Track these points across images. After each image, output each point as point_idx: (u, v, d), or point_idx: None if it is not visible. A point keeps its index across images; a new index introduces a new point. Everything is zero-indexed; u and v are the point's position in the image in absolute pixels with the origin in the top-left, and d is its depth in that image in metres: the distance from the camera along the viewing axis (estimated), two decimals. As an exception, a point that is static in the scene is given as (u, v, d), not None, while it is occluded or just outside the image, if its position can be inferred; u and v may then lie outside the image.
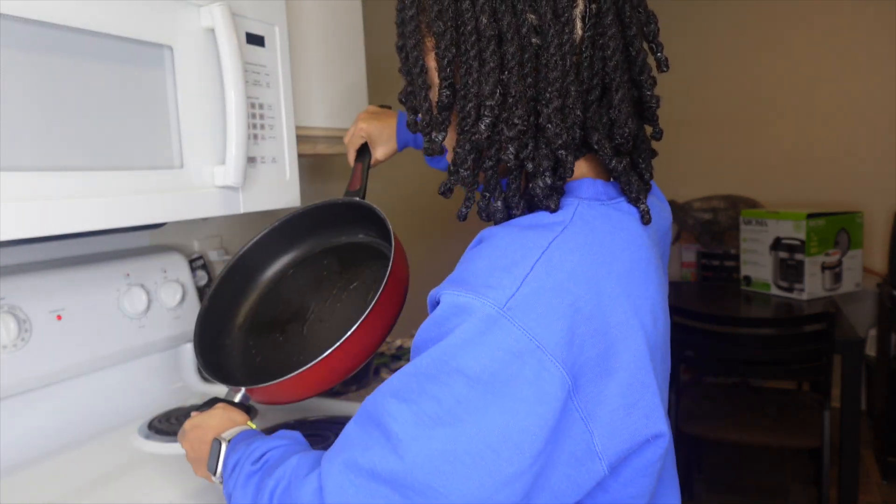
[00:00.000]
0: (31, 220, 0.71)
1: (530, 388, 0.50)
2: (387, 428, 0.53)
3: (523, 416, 0.50)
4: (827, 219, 2.47)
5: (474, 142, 0.58)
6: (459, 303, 0.52)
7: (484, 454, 0.50)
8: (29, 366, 0.98)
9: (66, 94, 0.75)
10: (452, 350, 0.52)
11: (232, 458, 0.71)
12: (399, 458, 0.51)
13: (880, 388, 2.63)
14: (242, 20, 0.99)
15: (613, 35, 0.58)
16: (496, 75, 0.56)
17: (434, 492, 0.51)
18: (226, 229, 1.48)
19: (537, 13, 0.56)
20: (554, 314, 0.51)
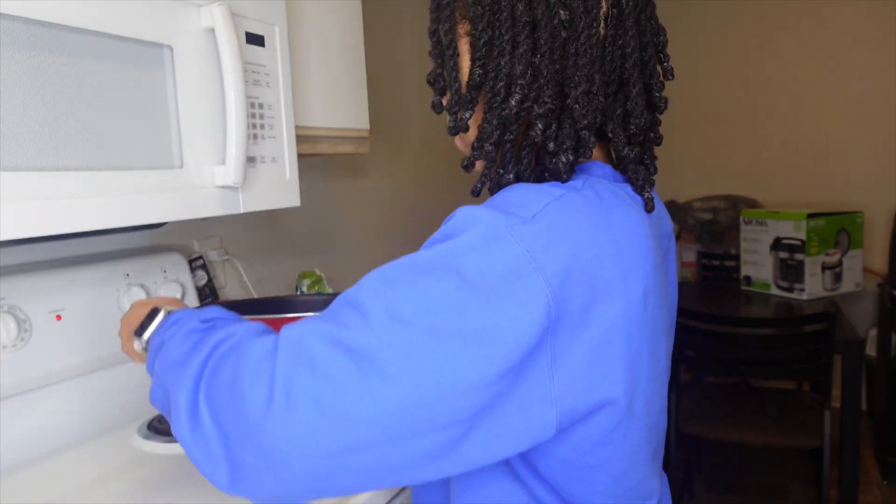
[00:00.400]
0: (31, 220, 0.71)
1: (519, 306, 0.51)
2: (364, 305, 0.53)
3: (503, 332, 0.51)
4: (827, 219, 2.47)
5: (503, 117, 0.62)
6: (474, 213, 0.55)
7: (456, 356, 0.50)
8: (29, 366, 0.98)
9: (66, 94, 0.75)
10: (456, 250, 0.53)
11: (169, 321, 0.71)
12: (370, 331, 0.51)
13: (880, 388, 2.63)
14: (242, 20, 0.99)
15: (633, 36, 0.63)
16: (528, 58, 0.61)
17: (393, 375, 0.50)
18: (226, 229, 1.48)
19: (568, 9, 0.61)
20: (557, 251, 0.53)
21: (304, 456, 0.52)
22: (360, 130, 1.40)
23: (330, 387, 0.51)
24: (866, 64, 3.00)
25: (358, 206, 1.98)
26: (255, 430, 0.52)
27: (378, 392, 0.50)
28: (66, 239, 1.13)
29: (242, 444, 0.54)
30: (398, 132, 2.24)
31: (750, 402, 2.20)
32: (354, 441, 0.51)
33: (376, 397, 0.50)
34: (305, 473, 0.53)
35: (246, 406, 0.53)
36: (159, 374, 0.66)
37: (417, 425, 0.51)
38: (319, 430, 0.51)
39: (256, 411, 0.52)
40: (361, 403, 0.50)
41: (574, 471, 0.60)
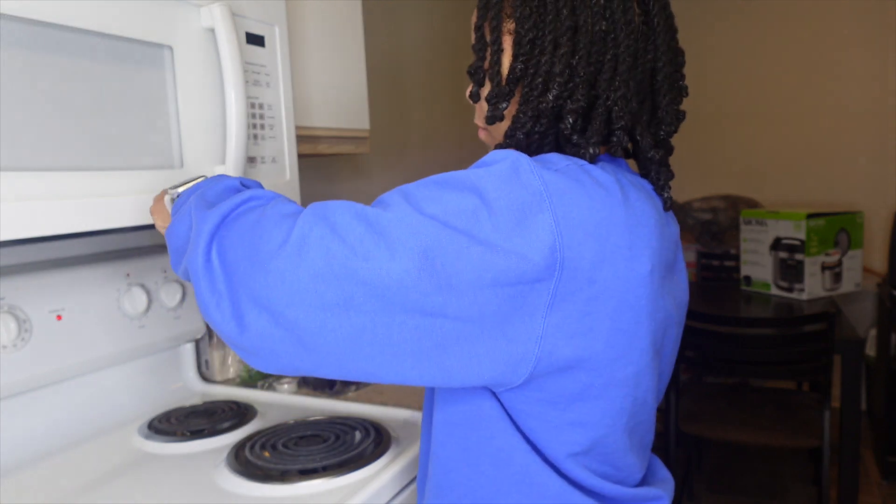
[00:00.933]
0: (31, 220, 0.71)
1: (527, 235, 0.55)
2: (387, 199, 0.58)
3: (507, 252, 0.54)
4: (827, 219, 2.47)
5: (539, 109, 0.67)
6: (504, 152, 0.59)
7: (459, 250, 0.54)
8: (29, 366, 0.98)
9: (65, 93, 0.75)
10: (482, 175, 0.57)
11: (208, 180, 0.76)
12: (390, 211, 0.56)
13: (880, 388, 2.63)
14: (242, 20, 0.99)
15: (664, 52, 0.69)
16: (567, 59, 0.66)
17: (401, 251, 0.54)
18: (226, 229, 1.48)
19: (609, 20, 0.66)
20: (573, 202, 0.57)
21: (301, 302, 0.56)
22: (360, 130, 1.40)
23: (343, 245, 0.55)
24: (866, 64, 3.00)
25: (358, 206, 1.98)
26: (262, 267, 0.57)
27: (384, 262, 0.54)
28: (66, 239, 1.13)
29: (247, 281, 0.58)
30: (398, 132, 2.24)
31: (750, 402, 2.20)
32: (350, 298, 0.55)
33: (381, 266, 0.54)
34: (296, 323, 0.56)
35: (260, 245, 0.59)
36: (187, 210, 0.71)
37: (409, 302, 0.54)
38: (321, 279, 0.55)
39: (269, 250, 0.58)
40: (366, 266, 0.55)
41: (554, 428, 0.62)
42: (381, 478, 0.90)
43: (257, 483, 0.88)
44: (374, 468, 0.92)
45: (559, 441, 0.63)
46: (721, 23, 3.23)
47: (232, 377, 1.34)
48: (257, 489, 0.88)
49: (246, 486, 0.89)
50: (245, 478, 0.90)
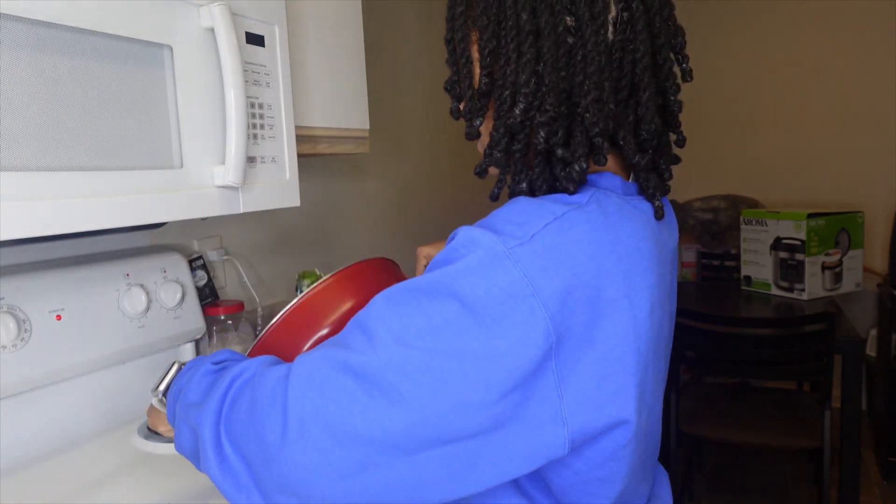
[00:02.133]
0: (31, 220, 0.71)
1: (516, 329, 0.52)
2: (371, 329, 0.55)
3: (502, 353, 0.52)
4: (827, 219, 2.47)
5: (508, 125, 0.63)
6: (472, 236, 0.55)
7: (456, 376, 0.52)
8: (28, 366, 0.98)
9: (66, 93, 0.75)
10: (455, 274, 0.54)
11: (182, 372, 0.76)
12: (374, 355, 0.53)
13: (880, 388, 2.63)
14: (242, 20, 0.99)
15: (643, 41, 0.63)
16: (532, 66, 0.61)
17: (398, 396, 0.52)
18: (225, 229, 1.48)
19: (574, 15, 0.61)
20: (555, 271, 0.54)
21: (322, 480, 0.54)
22: (360, 130, 1.40)
23: (338, 409, 0.53)
24: (866, 64, 3.00)
25: (358, 206, 1.98)
26: (274, 459, 0.55)
27: (384, 413, 0.52)
28: (66, 239, 1.13)
29: (267, 473, 0.56)
30: (398, 132, 2.23)
31: (750, 402, 2.20)
32: (365, 459, 0.53)
33: (382, 418, 0.52)
34: (325, 499, 0.54)
35: (265, 435, 0.56)
36: (182, 418, 0.68)
37: (425, 442, 0.52)
38: (332, 453, 0.53)
39: (275, 440, 0.55)
40: (368, 424, 0.52)
41: (584, 483, 0.60)
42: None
43: (257, 483, 0.88)
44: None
45: (586, 494, 0.61)
46: (721, 24, 3.23)
47: (232, 377, 1.34)
48: (257, 489, 0.88)
49: (246, 486, 0.88)
50: (245, 478, 0.90)
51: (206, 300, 1.37)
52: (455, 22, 0.68)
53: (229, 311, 1.37)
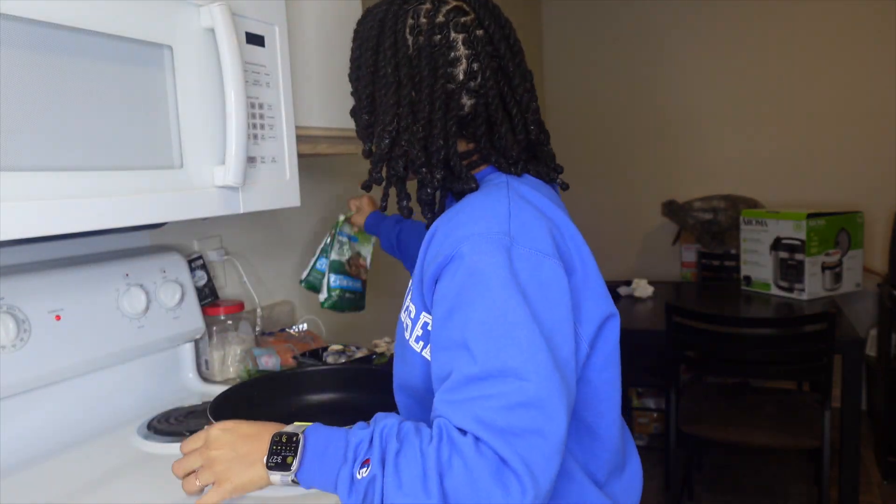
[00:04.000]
0: (31, 220, 0.71)
1: (555, 284, 0.68)
2: (502, 368, 0.62)
3: (559, 306, 0.67)
4: (827, 219, 2.47)
5: (378, 155, 0.80)
6: (478, 248, 0.67)
7: (565, 341, 0.67)
8: (28, 366, 0.98)
9: (65, 93, 0.75)
10: (493, 275, 0.65)
11: (313, 450, 0.68)
12: (529, 382, 0.61)
13: (880, 388, 2.63)
14: (242, 20, 0.99)
15: (492, 86, 0.79)
16: (394, 110, 0.78)
17: (562, 387, 0.63)
18: (225, 229, 1.48)
19: (419, 70, 0.78)
20: (541, 234, 0.70)
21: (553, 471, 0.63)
22: (360, 130, 1.40)
23: (524, 425, 0.63)
24: (866, 64, 3.00)
25: (358, 206, 1.98)
26: None
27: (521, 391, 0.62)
28: (66, 239, 1.13)
29: None
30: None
31: (750, 402, 2.20)
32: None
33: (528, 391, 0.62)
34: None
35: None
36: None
37: (558, 395, 0.63)
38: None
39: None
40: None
41: (596, 391, 0.75)
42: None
43: (257, 483, 0.88)
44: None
45: (600, 401, 0.76)
46: (721, 24, 3.23)
47: (232, 377, 1.34)
48: (257, 489, 0.87)
49: (246, 486, 0.88)
50: (245, 478, 0.89)
51: (205, 300, 1.37)
52: (353, 63, 0.86)
53: (229, 311, 1.37)
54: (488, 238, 0.67)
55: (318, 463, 0.66)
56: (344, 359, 1.31)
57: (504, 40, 0.80)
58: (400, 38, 0.79)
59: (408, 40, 0.79)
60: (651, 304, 2.55)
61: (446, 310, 0.67)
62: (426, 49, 0.78)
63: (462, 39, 0.79)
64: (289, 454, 0.67)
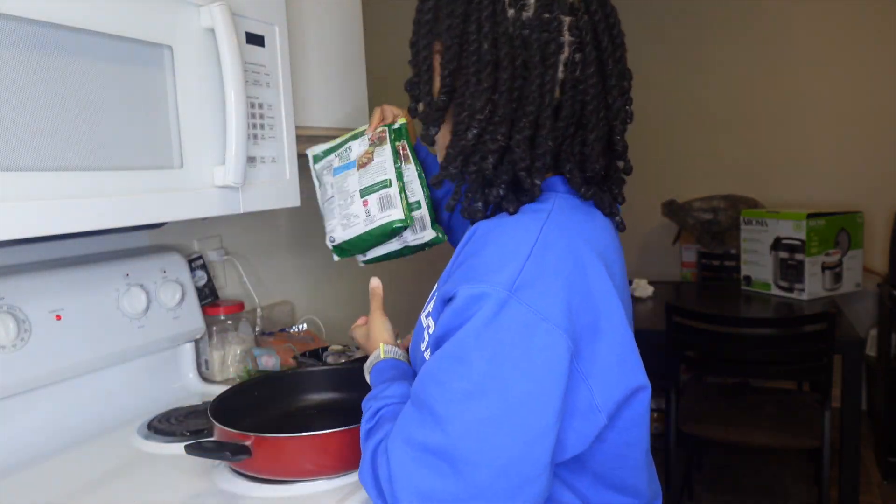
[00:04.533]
0: (31, 220, 0.71)
1: (542, 354, 0.59)
2: (430, 407, 0.61)
3: (541, 379, 0.59)
4: (827, 219, 2.47)
5: (462, 147, 0.68)
6: (474, 293, 0.61)
7: (514, 417, 0.59)
8: (28, 366, 0.98)
9: (66, 94, 0.75)
10: (473, 332, 0.60)
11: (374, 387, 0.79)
12: (444, 433, 0.59)
13: (880, 388, 2.63)
14: (242, 20, 0.99)
15: (593, 83, 0.67)
16: (488, 94, 0.65)
17: (478, 457, 0.58)
18: (225, 229, 1.48)
19: (528, 52, 0.65)
20: (552, 290, 0.61)
21: None
22: (360, 130, 1.40)
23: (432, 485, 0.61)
24: (866, 64, 3.00)
25: (358, 206, 1.98)
26: None
27: (467, 479, 0.58)
28: (66, 239, 1.13)
29: None
30: (398, 132, 2.23)
31: (750, 402, 2.20)
32: None
33: (468, 483, 0.58)
34: None
35: None
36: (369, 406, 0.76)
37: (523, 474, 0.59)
38: None
39: None
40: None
41: (615, 450, 0.68)
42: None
43: (256, 483, 0.88)
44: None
45: (618, 457, 0.70)
46: (721, 24, 3.23)
47: (232, 377, 1.34)
48: (256, 489, 0.88)
49: (245, 486, 0.88)
50: (244, 478, 0.90)
51: (205, 300, 1.37)
52: (421, 28, 0.71)
53: (229, 310, 1.37)
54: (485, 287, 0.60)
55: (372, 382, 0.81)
56: (344, 359, 1.31)
57: (608, 31, 0.68)
58: (499, 8, 0.65)
59: (507, 13, 0.65)
60: (651, 304, 2.55)
61: (436, 337, 0.66)
62: (535, 28, 0.65)
63: (569, 23, 0.66)
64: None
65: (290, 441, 0.85)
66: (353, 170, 1.09)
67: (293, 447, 0.85)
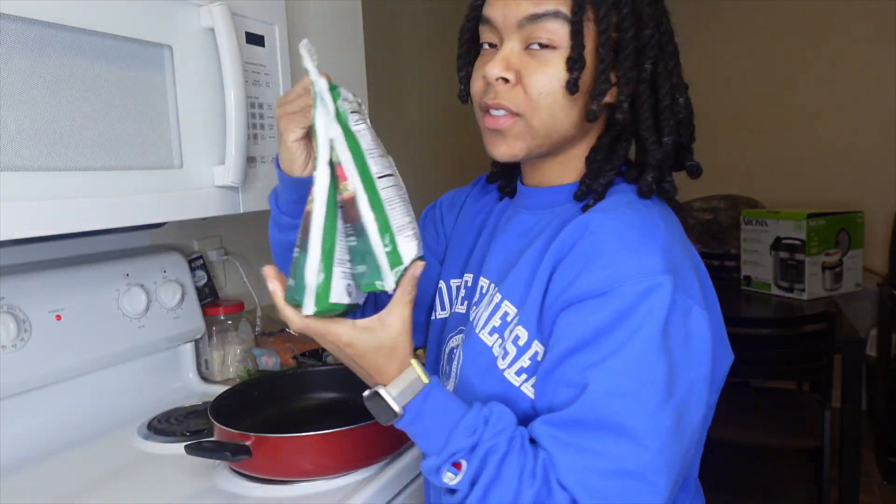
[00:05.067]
0: (31, 220, 0.71)
1: (699, 338, 0.60)
2: (620, 425, 0.57)
3: (704, 362, 0.60)
4: (827, 219, 2.47)
5: (618, 120, 0.68)
6: (643, 288, 0.59)
7: (687, 418, 0.59)
8: (28, 366, 0.98)
9: (66, 93, 0.75)
10: (651, 331, 0.58)
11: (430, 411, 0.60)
12: (645, 449, 0.56)
13: (880, 388, 2.63)
14: (242, 20, 0.99)
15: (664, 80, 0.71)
16: (638, 75, 0.68)
17: (667, 469, 0.57)
18: (225, 229, 1.48)
19: (666, 36, 0.69)
20: (690, 273, 0.62)
21: None
22: (360, 130, 1.40)
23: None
24: (866, 64, 3.00)
25: (358, 206, 1.97)
26: None
27: (659, 496, 0.57)
28: (66, 239, 1.13)
29: None
30: (398, 131, 2.23)
31: (750, 402, 2.20)
32: None
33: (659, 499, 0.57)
34: None
35: None
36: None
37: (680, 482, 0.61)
38: None
39: None
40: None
41: (697, 445, 0.68)
42: (382, 478, 0.90)
43: (257, 483, 0.88)
44: (374, 468, 0.92)
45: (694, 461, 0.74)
46: (721, 23, 3.23)
47: (231, 377, 1.34)
48: (257, 489, 0.88)
49: (245, 486, 0.88)
50: (244, 478, 0.90)
51: (205, 300, 1.37)
52: (584, 5, 0.64)
53: (229, 311, 1.37)
54: (651, 279, 0.58)
55: (423, 428, 0.60)
56: (344, 359, 1.31)
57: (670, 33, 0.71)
58: None
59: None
60: (651, 304, 2.54)
61: (575, 344, 0.59)
62: (665, 16, 0.69)
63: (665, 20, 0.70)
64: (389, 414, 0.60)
65: (290, 441, 0.85)
66: None
67: (293, 447, 0.85)
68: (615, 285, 0.59)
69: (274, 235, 0.82)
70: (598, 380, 0.57)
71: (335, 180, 0.60)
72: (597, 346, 0.58)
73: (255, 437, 0.85)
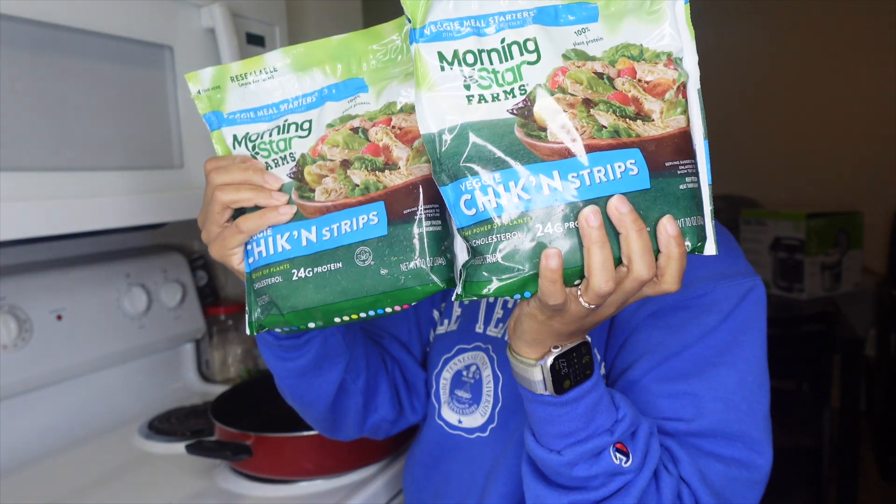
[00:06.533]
0: (31, 220, 0.71)
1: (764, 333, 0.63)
2: (743, 434, 0.58)
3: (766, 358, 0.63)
4: (827, 219, 2.47)
5: None
6: (738, 295, 0.60)
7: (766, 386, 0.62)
8: (29, 366, 0.98)
9: (66, 94, 0.75)
10: (751, 332, 0.60)
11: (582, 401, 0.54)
12: (762, 457, 0.59)
13: (880, 388, 2.63)
14: (242, 20, 0.99)
15: None
16: None
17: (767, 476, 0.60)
18: (226, 229, 1.48)
19: None
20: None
21: None
22: (360, 130, 1.40)
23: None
24: (866, 64, 3.00)
25: (358, 206, 1.97)
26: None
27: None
28: (67, 239, 1.13)
29: None
30: (398, 132, 2.22)
31: (749, 402, 2.20)
32: None
33: None
34: None
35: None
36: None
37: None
38: None
39: None
40: None
41: None
42: (382, 478, 0.90)
43: (257, 483, 0.88)
44: (374, 468, 0.92)
45: None
46: (721, 24, 3.23)
47: (232, 377, 1.34)
48: (257, 489, 0.88)
49: (245, 485, 0.89)
50: (245, 477, 0.90)
51: (206, 300, 1.37)
52: None
53: (230, 311, 1.37)
54: (744, 280, 0.60)
55: (585, 411, 0.54)
56: (344, 359, 1.31)
57: None
58: None
59: None
60: (651, 304, 2.54)
61: (673, 352, 0.59)
62: None
63: None
64: (570, 377, 0.53)
65: (290, 441, 0.85)
66: None
67: (294, 447, 0.86)
68: (707, 288, 0.59)
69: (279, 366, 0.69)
70: (717, 390, 0.59)
71: None
72: (713, 363, 0.59)
73: (256, 437, 0.85)
